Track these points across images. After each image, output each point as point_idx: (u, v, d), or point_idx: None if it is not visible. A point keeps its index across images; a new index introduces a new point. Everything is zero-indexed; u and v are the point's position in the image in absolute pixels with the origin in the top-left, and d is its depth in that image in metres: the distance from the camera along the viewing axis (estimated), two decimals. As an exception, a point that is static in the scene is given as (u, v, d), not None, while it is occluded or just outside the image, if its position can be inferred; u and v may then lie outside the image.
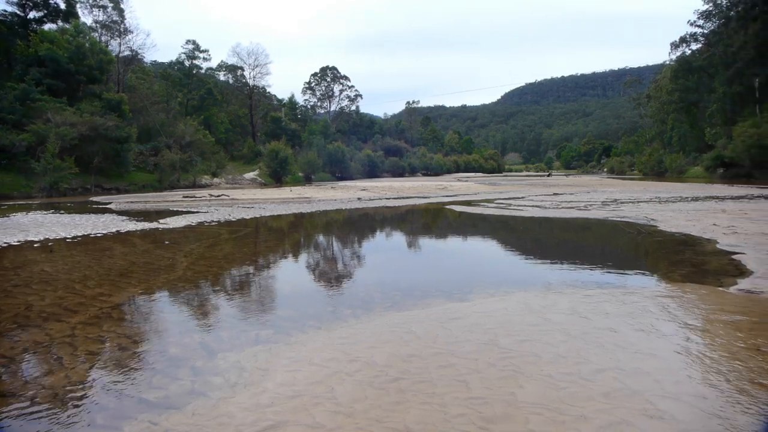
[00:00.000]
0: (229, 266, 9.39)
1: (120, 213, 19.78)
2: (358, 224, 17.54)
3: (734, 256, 8.63)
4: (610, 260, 9.63)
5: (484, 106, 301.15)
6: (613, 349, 4.46)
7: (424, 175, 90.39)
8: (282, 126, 73.93)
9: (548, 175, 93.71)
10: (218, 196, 30.68)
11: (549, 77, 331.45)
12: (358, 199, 27.40)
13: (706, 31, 70.70)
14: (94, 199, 30.37)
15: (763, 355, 4.26)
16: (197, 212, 19.58)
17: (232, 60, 79.80)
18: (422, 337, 4.89)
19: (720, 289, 6.54)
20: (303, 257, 11.16)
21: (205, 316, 6.06)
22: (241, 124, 77.94)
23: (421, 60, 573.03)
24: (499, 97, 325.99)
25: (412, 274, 8.64)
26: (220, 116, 68.85)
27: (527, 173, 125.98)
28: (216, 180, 49.53)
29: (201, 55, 69.46)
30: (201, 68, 71.30)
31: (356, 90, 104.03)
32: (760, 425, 2.88)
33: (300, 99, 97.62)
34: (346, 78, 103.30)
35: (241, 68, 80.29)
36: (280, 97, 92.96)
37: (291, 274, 9.04)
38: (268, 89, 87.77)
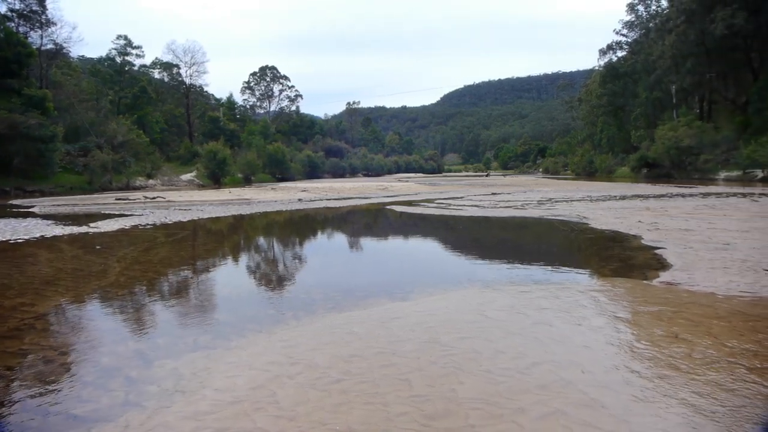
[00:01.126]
0: (165, 271, 9.07)
1: (45, 217, 18.67)
2: (299, 225, 17.38)
3: (657, 251, 9.17)
4: (546, 257, 9.99)
5: (424, 107, 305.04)
6: (549, 342, 4.63)
7: (365, 175, 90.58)
8: (220, 126, 72.08)
9: (486, 176, 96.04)
10: (154, 198, 29.57)
11: (487, 79, 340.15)
12: (299, 200, 27.14)
13: (629, 40, 74.84)
14: (14, 202, 28.50)
15: (679, 341, 4.56)
16: (131, 215, 18.78)
17: (167, 57, 76.91)
18: (364, 338, 4.91)
19: (645, 282, 6.93)
20: (243, 260, 10.95)
21: (141, 323, 5.83)
22: (177, 123, 75.30)
23: (361, 61, 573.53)
24: (438, 99, 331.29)
25: (354, 275, 8.66)
26: (155, 115, 66.26)
27: (466, 173, 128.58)
28: (151, 182, 47.70)
29: (134, 51, 66.62)
30: (134, 65, 68.38)
31: (296, 90, 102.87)
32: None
33: (239, 99, 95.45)
34: (285, 78, 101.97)
35: (177, 66, 77.53)
36: (218, 96, 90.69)
37: (231, 277, 8.85)
38: (205, 88, 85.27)
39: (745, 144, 44.25)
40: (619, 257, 9.08)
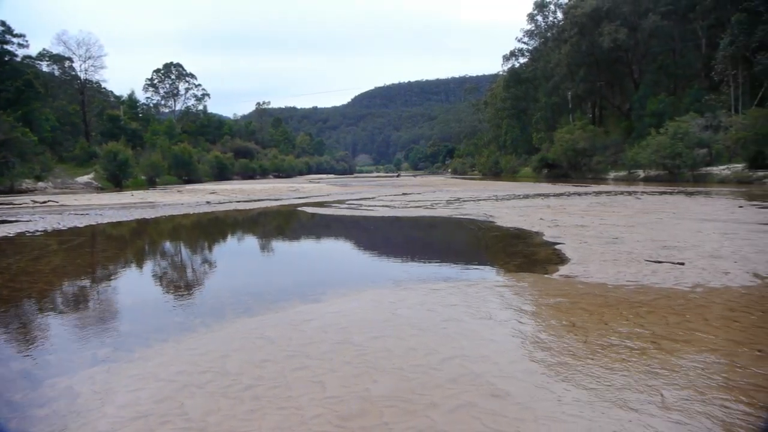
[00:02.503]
0: (59, 281, 8.42)
1: None
2: (208, 229, 16.77)
3: (557, 246, 9.79)
4: (455, 255, 10.35)
5: (335, 108, 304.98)
6: (458, 338, 4.80)
7: (276, 176, 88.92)
8: (121, 125, 67.68)
9: (397, 176, 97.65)
10: (44, 202, 27.29)
11: (397, 81, 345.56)
12: (207, 202, 26.17)
13: (530, 48, 79.23)
14: None
15: (577, 330, 4.90)
16: (17, 221, 17.21)
17: (57, 49, 70.82)
18: (276, 341, 4.84)
19: (546, 276, 7.37)
20: (148, 266, 10.39)
21: (28, 340, 5.36)
22: (71, 122, 69.63)
23: (271, 61, 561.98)
24: (349, 100, 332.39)
25: (266, 278, 8.50)
26: (44, 112, 60.81)
27: (378, 174, 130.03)
28: (41, 184, 43.87)
29: (15, 40, 60.65)
30: (16, 55, 62.25)
31: (203, 89, 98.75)
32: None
33: (141, 97, 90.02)
34: (192, 76, 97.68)
35: (70, 59, 71.85)
36: (118, 93, 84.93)
37: (134, 285, 8.37)
38: (103, 84, 79.66)
39: (629, 147, 48.31)
40: (522, 253, 9.58)
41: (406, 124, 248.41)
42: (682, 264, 7.71)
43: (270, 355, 4.49)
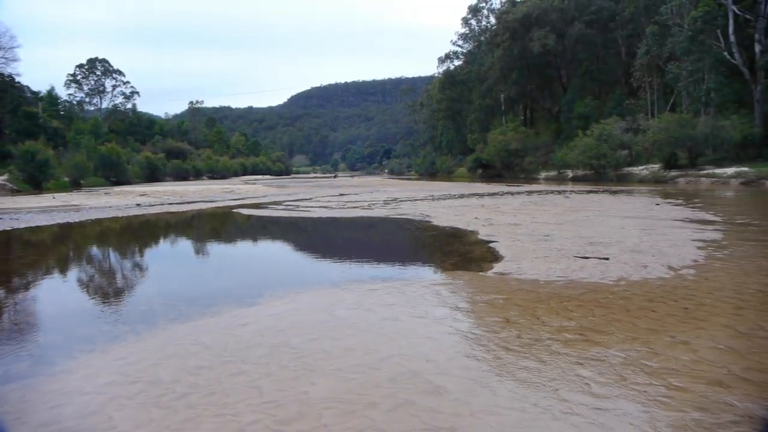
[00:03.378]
0: (-31, 291, 7.81)
1: None
2: (139, 232, 16.08)
3: (491, 244, 10.07)
4: (393, 255, 10.44)
5: (271, 108, 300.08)
6: (396, 337, 4.85)
7: (210, 178, 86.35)
8: (40, 123, 63.49)
9: (334, 177, 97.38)
10: (-49, 206, 25.25)
11: (334, 82, 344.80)
12: (137, 205, 25.07)
13: (465, 51, 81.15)
14: None
15: (511, 325, 5.07)
16: None
17: (-39, 38, 65.83)
18: (212, 347, 4.71)
19: (481, 274, 7.58)
20: (72, 273, 9.83)
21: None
22: (-22, 119, 64.81)
23: (204, 59, 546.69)
24: (286, 100, 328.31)
25: (200, 282, 8.25)
26: (-53, 108, 56.25)
27: (315, 175, 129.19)
28: (-55, 187, 40.62)
29: None
30: None
31: (132, 86, 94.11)
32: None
33: (63, 93, 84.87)
34: (119, 72, 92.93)
35: (-25, 51, 66.79)
36: (35, 89, 79.67)
37: (56, 293, 7.88)
38: (17, 78, 74.54)
39: (558, 148, 50.50)
40: (458, 252, 9.80)
41: (343, 125, 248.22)
42: (607, 259, 8.14)
43: (205, 361, 4.37)
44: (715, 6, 37.92)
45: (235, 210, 21.59)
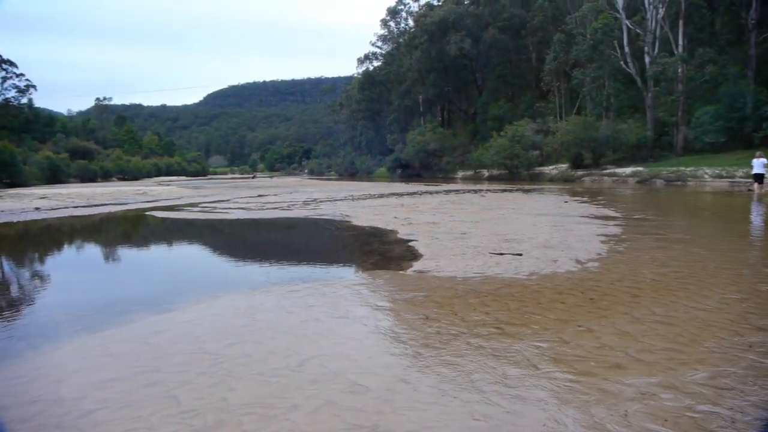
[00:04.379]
0: None
1: None
2: (38, 238, 14.90)
3: (410, 243, 10.25)
4: (313, 256, 10.37)
5: (185, 106, 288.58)
6: (317, 338, 4.83)
7: (121, 179, 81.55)
8: None
9: (253, 177, 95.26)
10: None
11: (252, 81, 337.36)
12: (36, 209, 23.20)
13: (384, 52, 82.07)
14: None
15: (430, 322, 5.19)
16: None
17: None
18: (123, 358, 4.46)
19: (400, 272, 7.69)
20: (-43, 284, 8.94)
21: None
22: None
23: (112, 53, 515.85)
24: (201, 98, 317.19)
25: (109, 290, 7.78)
26: None
27: (233, 176, 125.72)
28: None
29: None
30: None
31: (27, 80, 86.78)
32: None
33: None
34: (11, 63, 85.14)
35: None
36: None
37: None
38: None
39: (475, 148, 52.30)
40: (378, 251, 9.89)
41: (262, 125, 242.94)
42: (521, 255, 8.53)
43: (116, 373, 4.12)
44: (612, 19, 40.78)
45: (148, 213, 20.56)
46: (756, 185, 20.68)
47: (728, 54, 38.27)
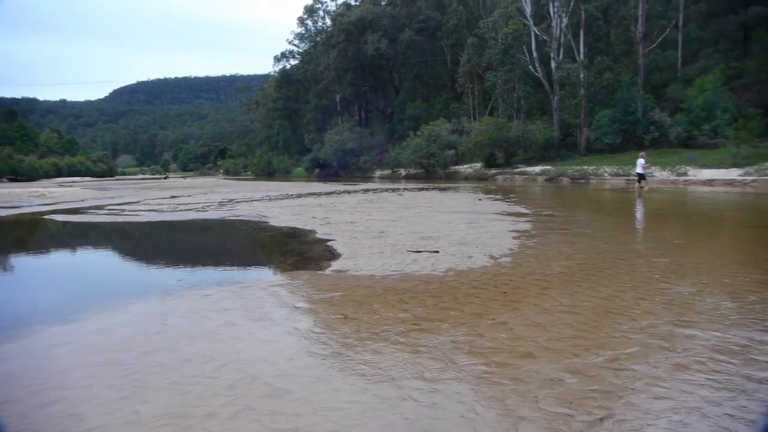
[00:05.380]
0: None
1: None
2: None
3: (329, 243, 10.23)
4: (230, 258, 10.08)
5: (89, 102, 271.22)
6: (234, 342, 4.70)
7: (13, 180, 74.82)
8: None
9: (165, 178, 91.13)
10: None
11: (163, 77, 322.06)
12: None
13: (301, 50, 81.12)
14: None
15: (349, 321, 5.21)
16: None
17: None
18: (19, 376, 4.10)
19: (319, 272, 7.65)
20: None
21: None
22: None
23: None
24: (107, 94, 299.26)
25: (2, 301, 7.16)
26: None
27: (143, 176, 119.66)
28: None
29: None
30: None
31: None
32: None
33: None
34: None
35: None
36: None
37: None
38: None
39: (392, 148, 53.02)
40: (296, 251, 9.78)
41: (174, 123, 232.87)
42: (437, 252, 8.75)
43: (10, 395, 3.79)
44: (521, 25, 42.82)
45: (47, 216, 19.04)
46: (637, 183, 23.33)
47: (622, 63, 41.54)
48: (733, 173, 25.80)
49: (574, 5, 39.76)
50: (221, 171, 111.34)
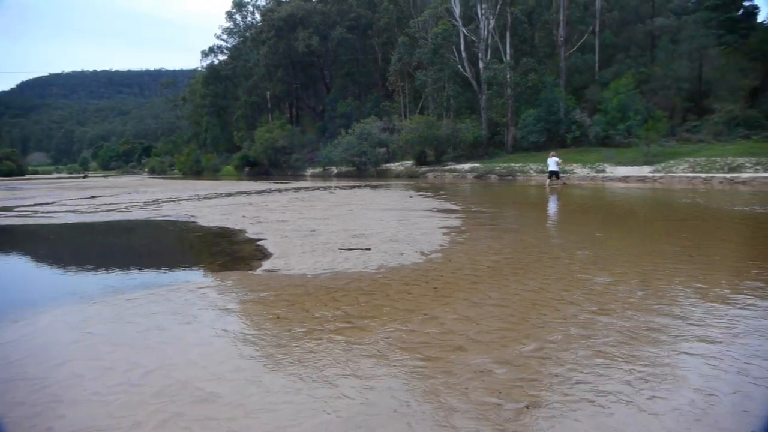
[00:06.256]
0: None
1: None
2: None
3: (259, 242, 10.05)
4: (156, 260, 9.68)
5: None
6: (162, 347, 4.53)
7: None
8: None
9: (84, 177, 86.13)
10: None
11: (80, 69, 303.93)
12: None
13: (230, 46, 78.89)
14: None
15: (281, 321, 5.16)
16: None
17: None
18: None
19: (250, 272, 7.51)
20: None
21: None
22: None
23: None
24: (14, 86, 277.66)
25: None
26: None
27: (59, 176, 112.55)
28: None
29: None
30: None
31: None
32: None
33: None
34: None
35: None
36: None
37: None
38: None
39: (323, 146, 52.72)
40: (226, 252, 9.53)
41: (93, 119, 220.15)
42: (369, 249, 8.79)
43: None
44: (451, 26, 43.72)
45: (-55, 220, 17.50)
46: (548, 181, 25.31)
47: (545, 65, 43.38)
48: (645, 170, 27.66)
49: (501, 8, 41.07)
50: (146, 170, 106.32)
